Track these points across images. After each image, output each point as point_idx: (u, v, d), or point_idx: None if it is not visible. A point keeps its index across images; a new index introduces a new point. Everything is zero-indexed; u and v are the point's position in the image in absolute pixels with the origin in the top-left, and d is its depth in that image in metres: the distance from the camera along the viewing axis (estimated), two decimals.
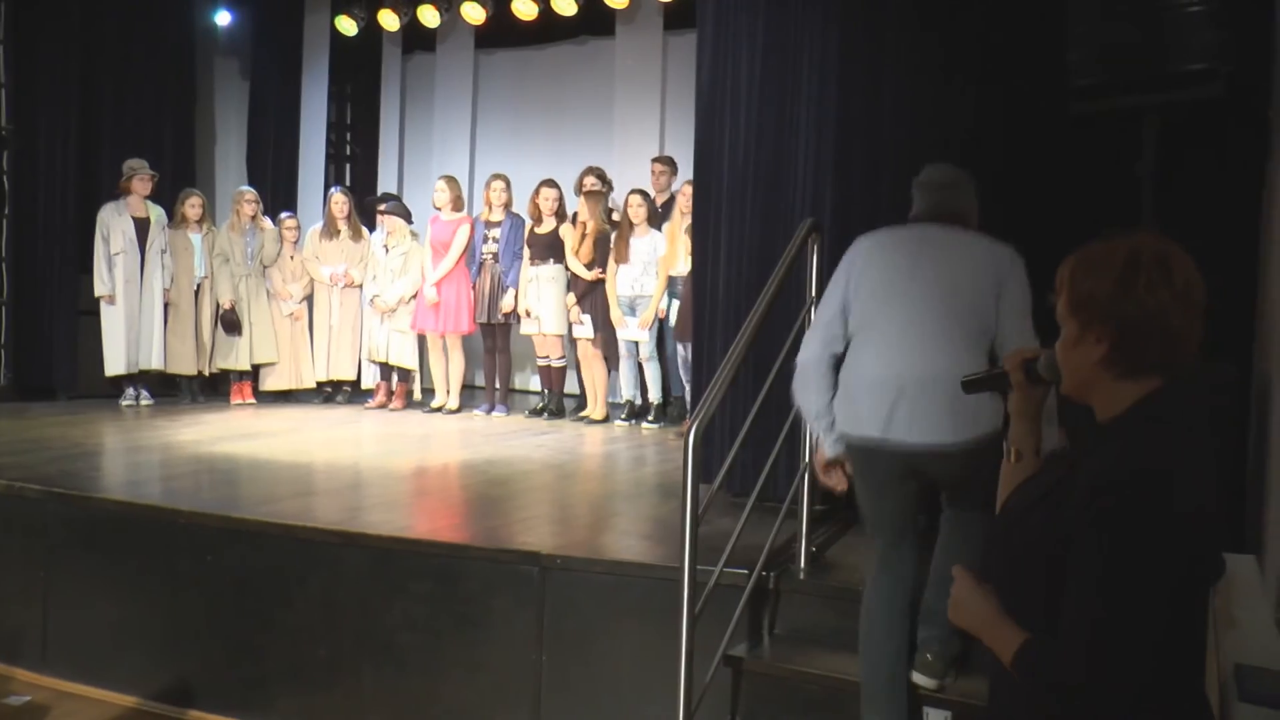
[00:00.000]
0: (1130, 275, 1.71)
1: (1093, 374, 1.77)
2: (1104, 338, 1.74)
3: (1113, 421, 1.77)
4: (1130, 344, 1.72)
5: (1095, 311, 1.74)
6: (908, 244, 3.43)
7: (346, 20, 9.92)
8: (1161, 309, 1.70)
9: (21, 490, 4.95)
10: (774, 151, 4.94)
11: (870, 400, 3.21)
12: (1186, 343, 1.74)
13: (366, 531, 4.31)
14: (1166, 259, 1.73)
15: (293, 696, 4.34)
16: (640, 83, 9.46)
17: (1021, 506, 1.85)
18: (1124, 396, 1.76)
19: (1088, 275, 1.76)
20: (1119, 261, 1.73)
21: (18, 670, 4.82)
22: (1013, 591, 1.78)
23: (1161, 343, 1.72)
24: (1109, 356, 1.74)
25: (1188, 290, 1.72)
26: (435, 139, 10.58)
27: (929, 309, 3.24)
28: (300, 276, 8.71)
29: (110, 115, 8.97)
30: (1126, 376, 1.75)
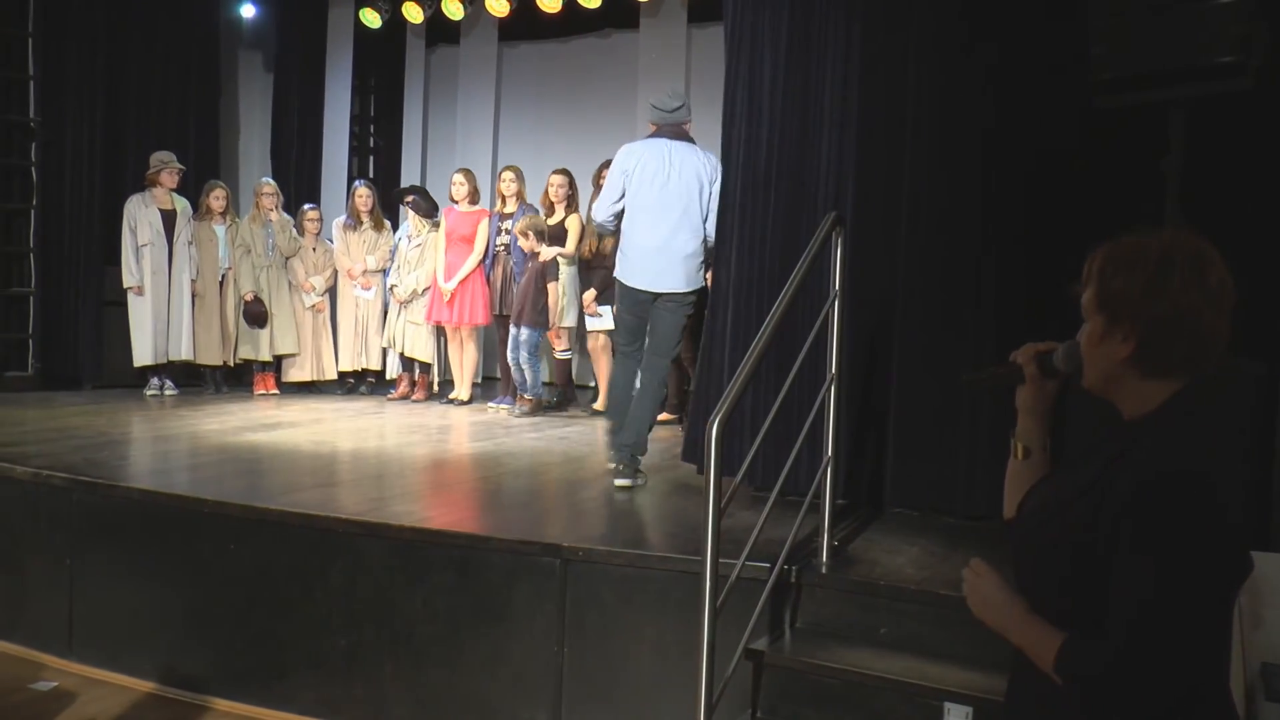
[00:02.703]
0: (1164, 274, 1.68)
1: (1118, 371, 1.75)
2: (1132, 335, 1.71)
3: (1145, 419, 1.75)
4: (1159, 343, 1.70)
5: (1125, 309, 1.71)
6: (659, 150, 5.24)
7: (370, 13, 9.95)
8: (1194, 309, 1.67)
9: (48, 479, 4.99)
10: (798, 145, 4.93)
11: (639, 260, 5.21)
12: (1215, 343, 1.71)
13: (388, 522, 4.33)
14: (1200, 258, 1.70)
15: (313, 686, 4.36)
16: (663, 76, 9.43)
17: (1053, 505, 1.80)
18: (1152, 395, 1.73)
19: (1119, 271, 1.73)
20: (1153, 259, 1.70)
21: (45, 656, 4.86)
22: (1044, 591, 1.76)
23: (1191, 343, 1.69)
24: (1136, 354, 1.72)
25: (1221, 290, 1.69)
26: (458, 131, 10.60)
27: (674, 198, 5.17)
28: (323, 269, 8.75)
29: (136, 108, 9.04)
30: (1153, 375, 1.72)
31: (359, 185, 8.91)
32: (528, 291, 7.65)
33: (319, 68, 10.31)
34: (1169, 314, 1.68)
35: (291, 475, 5.50)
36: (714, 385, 5.03)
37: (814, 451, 4.22)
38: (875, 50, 4.78)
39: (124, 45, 8.88)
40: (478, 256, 8.13)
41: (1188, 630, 1.59)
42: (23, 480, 5.07)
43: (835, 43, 4.85)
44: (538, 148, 9.88)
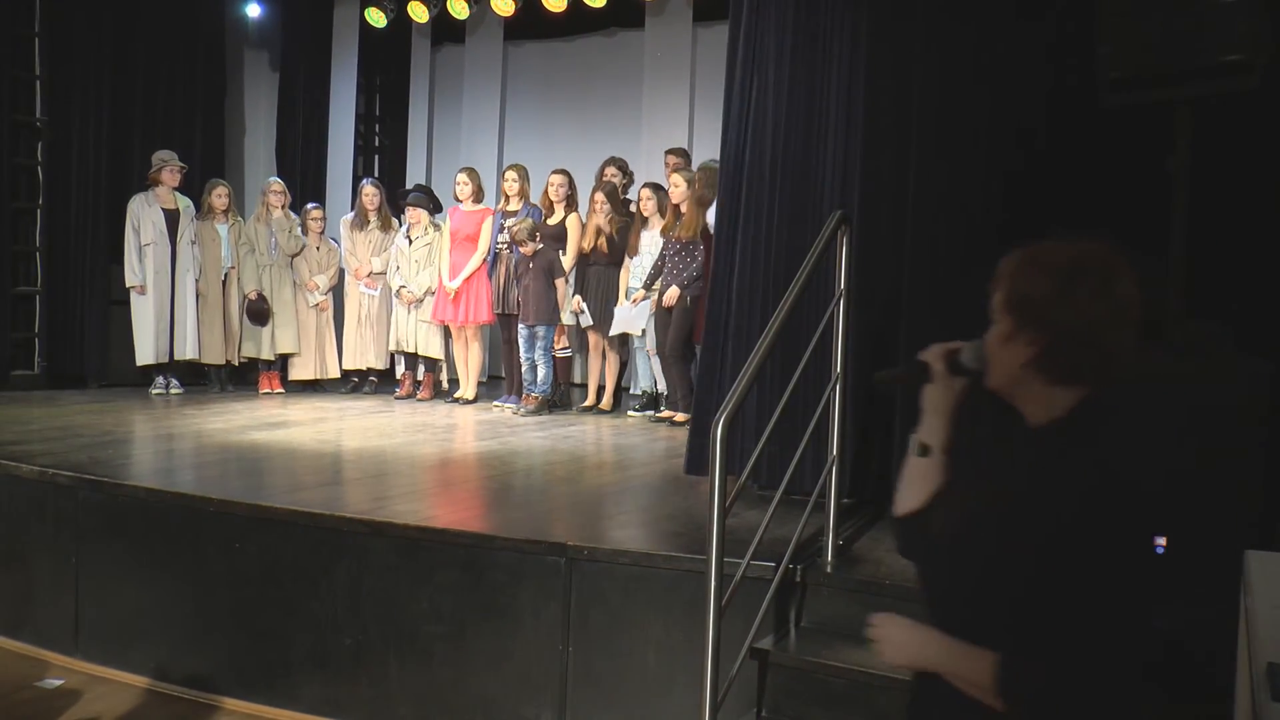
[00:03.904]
0: (1070, 284, 1.69)
1: (1023, 374, 1.75)
2: (1036, 341, 1.71)
3: (1053, 426, 1.75)
4: (1062, 351, 1.70)
5: (1031, 314, 1.72)
6: None
7: (376, 12, 9.97)
8: (1097, 322, 1.68)
9: (54, 477, 5.00)
10: (803, 144, 4.92)
11: None
12: (1119, 355, 1.71)
13: (393, 521, 4.33)
14: (1109, 271, 1.70)
15: (318, 685, 4.36)
16: (669, 75, 9.46)
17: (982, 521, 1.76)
18: (1057, 401, 1.73)
19: (1029, 276, 1.73)
20: (1063, 268, 1.70)
21: (51, 654, 4.87)
22: (972, 609, 1.73)
23: (1094, 353, 1.70)
24: (1039, 360, 1.72)
25: (1126, 306, 1.69)
26: (464, 130, 10.61)
27: None
28: (327, 267, 8.76)
29: (141, 107, 9.06)
30: (1057, 381, 1.72)
31: (366, 184, 8.92)
32: (536, 289, 7.66)
33: (324, 67, 10.33)
34: (1073, 323, 1.68)
35: (297, 474, 5.50)
36: (718, 385, 5.03)
37: (819, 450, 4.22)
38: (880, 49, 4.77)
39: (130, 45, 8.90)
40: (481, 255, 8.14)
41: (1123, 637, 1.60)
42: (29, 479, 5.07)
43: (840, 42, 4.84)
44: (543, 146, 9.88)
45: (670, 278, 7.30)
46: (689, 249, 7.28)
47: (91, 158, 8.67)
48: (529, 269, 7.69)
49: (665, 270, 7.37)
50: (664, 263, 7.41)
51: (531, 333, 7.71)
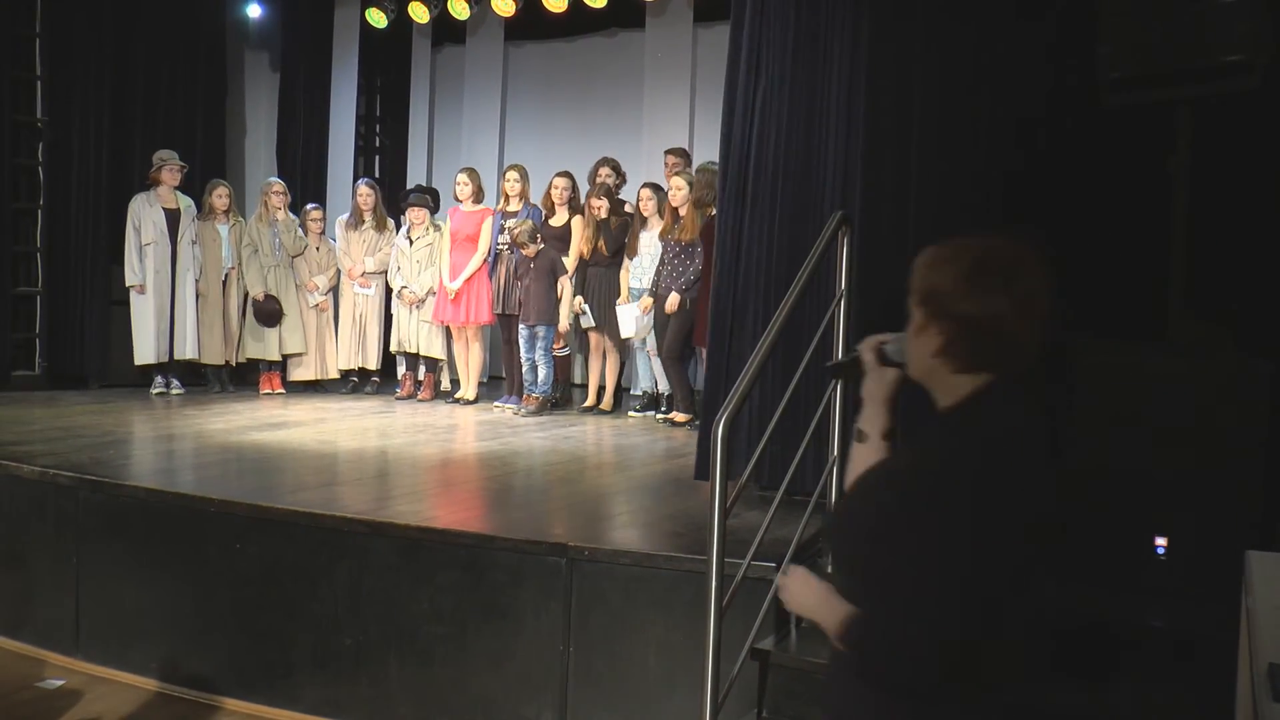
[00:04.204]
0: (973, 277, 1.78)
1: (932, 363, 1.83)
2: (943, 332, 1.80)
3: (946, 412, 1.84)
4: (966, 342, 1.78)
5: (937, 306, 1.80)
6: None
7: (376, 13, 9.96)
8: (999, 314, 1.76)
9: (55, 478, 5.00)
10: (804, 145, 4.92)
11: None
12: (1023, 349, 1.79)
13: (394, 521, 4.33)
14: (1013, 266, 1.78)
15: (319, 686, 4.37)
16: (670, 75, 9.45)
17: (864, 490, 1.92)
18: (960, 388, 1.82)
19: (935, 270, 1.82)
20: (966, 262, 1.79)
21: (51, 654, 4.87)
22: (850, 571, 1.87)
23: (997, 345, 1.78)
24: (945, 350, 1.80)
25: (1029, 299, 1.77)
26: (464, 131, 10.60)
27: None
28: (327, 268, 8.75)
29: (142, 107, 9.05)
30: (963, 370, 1.80)
31: (360, 184, 8.91)
32: (537, 289, 7.66)
33: (325, 67, 10.32)
34: (975, 315, 1.76)
35: (297, 474, 5.51)
36: (723, 387, 5.03)
37: (820, 451, 4.22)
38: (882, 49, 4.77)
39: (130, 45, 8.89)
40: (482, 256, 8.13)
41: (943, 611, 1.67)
42: (30, 479, 5.08)
43: (841, 41, 4.83)
44: (543, 147, 9.88)
45: (669, 280, 7.30)
46: (688, 251, 7.28)
47: (92, 158, 8.66)
48: (530, 269, 7.69)
49: (664, 272, 7.37)
50: (663, 264, 7.41)
51: (532, 333, 7.71)
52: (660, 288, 7.37)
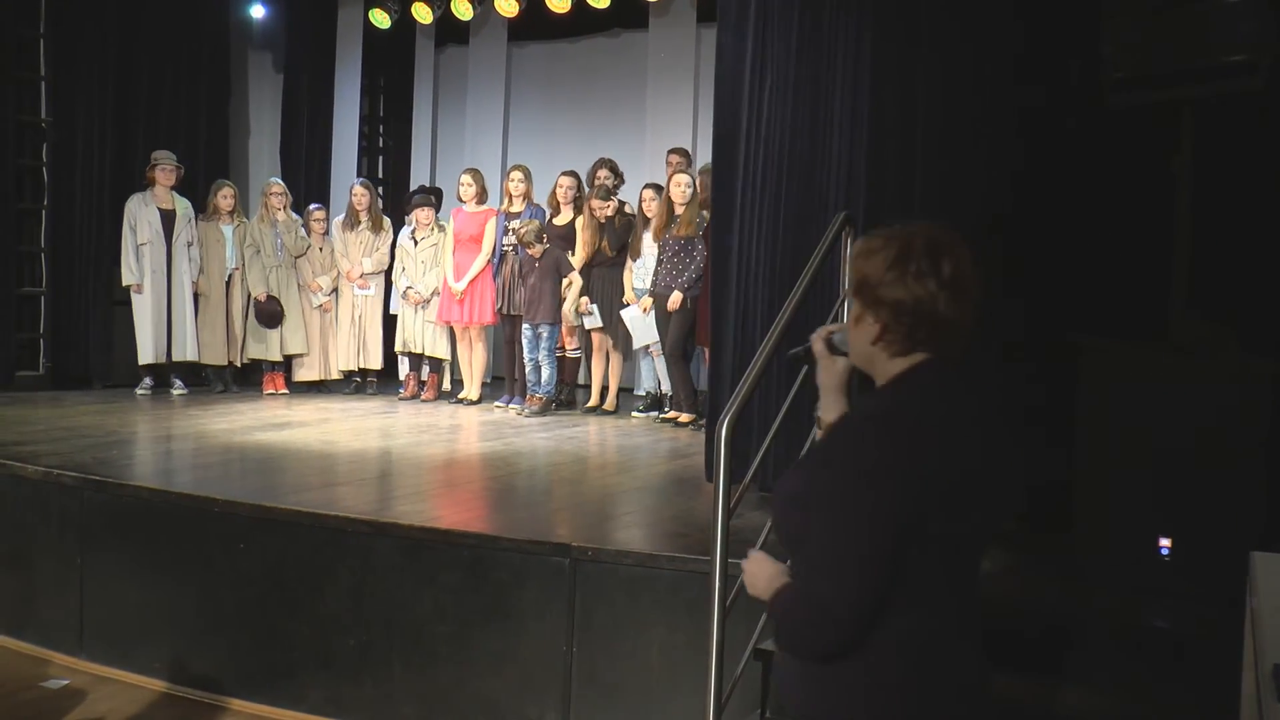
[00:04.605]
0: (900, 264, 1.85)
1: (871, 350, 1.92)
2: (879, 319, 1.88)
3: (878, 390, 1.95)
4: (901, 326, 1.86)
5: (870, 294, 1.89)
6: None
7: (380, 13, 9.96)
8: (929, 297, 1.84)
9: (59, 478, 5.01)
10: (808, 145, 4.92)
11: None
12: (955, 329, 1.87)
13: (397, 521, 4.33)
14: (937, 251, 1.86)
15: (322, 686, 4.37)
16: (673, 76, 9.45)
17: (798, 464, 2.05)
18: (893, 370, 1.91)
19: (865, 260, 1.90)
20: (894, 250, 1.87)
21: (55, 654, 4.88)
22: (783, 543, 1.96)
23: (930, 327, 1.86)
24: (882, 336, 1.89)
25: (956, 282, 1.85)
26: (468, 132, 10.60)
27: None
28: (330, 268, 8.76)
29: (146, 108, 9.05)
30: (900, 354, 1.89)
31: (355, 184, 8.91)
32: (541, 289, 7.65)
33: (328, 68, 10.32)
34: (906, 300, 1.85)
35: (301, 475, 5.51)
36: (724, 386, 5.03)
37: None
38: (886, 49, 4.77)
39: (134, 46, 8.89)
40: (485, 256, 8.13)
41: (851, 572, 1.75)
42: (34, 479, 5.08)
43: (845, 41, 4.83)
44: (547, 147, 9.87)
45: (668, 278, 7.30)
46: (686, 248, 7.28)
47: (96, 159, 8.66)
48: (535, 268, 7.69)
49: (662, 271, 7.35)
50: (660, 264, 7.40)
51: (536, 333, 7.71)
52: (659, 286, 7.37)
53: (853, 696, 1.82)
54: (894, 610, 1.78)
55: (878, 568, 1.75)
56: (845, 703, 1.83)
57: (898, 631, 1.79)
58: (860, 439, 1.82)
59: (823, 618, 1.78)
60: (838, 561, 1.77)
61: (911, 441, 1.79)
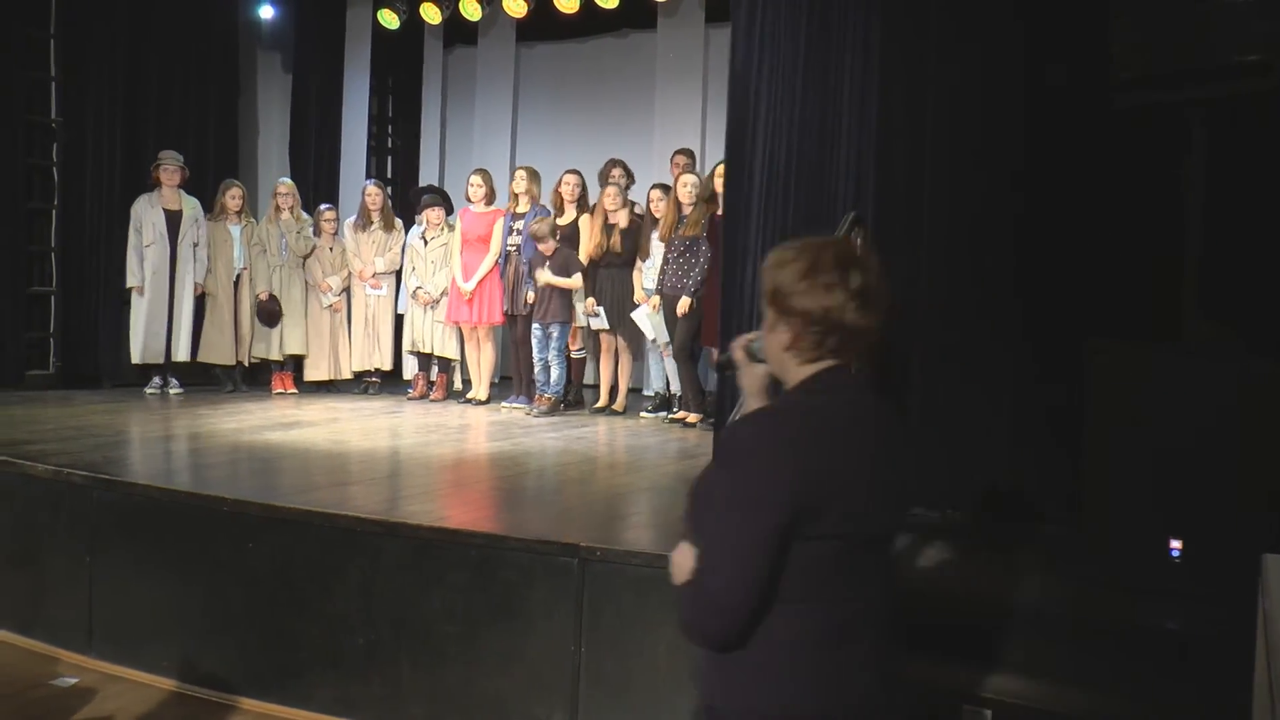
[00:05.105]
0: (810, 275, 1.94)
1: (783, 357, 2.01)
2: (790, 327, 1.97)
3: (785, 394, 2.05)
4: (810, 335, 1.95)
5: (782, 304, 1.97)
6: None
7: (388, 14, 9.97)
8: (838, 307, 1.93)
9: (69, 477, 5.02)
10: (817, 144, 4.91)
11: None
12: (863, 337, 1.96)
13: (406, 521, 4.34)
14: (846, 264, 1.95)
15: (330, 685, 4.37)
16: (682, 76, 9.45)
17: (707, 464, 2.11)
18: (801, 376, 2.00)
19: (778, 271, 1.99)
20: (805, 261, 1.96)
21: (65, 653, 4.88)
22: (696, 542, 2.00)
23: (838, 336, 1.94)
24: (794, 344, 1.98)
25: (864, 293, 1.93)
26: (476, 132, 10.61)
27: None
28: (340, 268, 8.77)
29: (155, 107, 9.08)
30: (810, 361, 1.98)
31: (368, 185, 8.94)
32: (551, 289, 7.65)
33: (337, 68, 10.34)
34: (816, 310, 1.93)
35: (310, 474, 5.52)
36: (733, 386, 5.02)
37: None
38: (895, 47, 4.76)
39: (144, 46, 8.93)
40: (493, 256, 8.14)
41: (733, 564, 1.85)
42: (44, 478, 5.09)
43: (854, 39, 4.83)
44: (555, 148, 9.88)
45: (674, 278, 7.29)
46: (692, 249, 7.27)
47: (106, 158, 8.70)
48: (544, 268, 7.69)
49: (669, 270, 7.34)
50: (667, 264, 7.39)
51: (545, 333, 7.72)
52: (665, 286, 7.35)
53: (747, 684, 1.91)
54: (789, 603, 1.88)
55: (759, 561, 1.84)
56: (740, 690, 1.92)
57: (791, 623, 1.88)
58: (748, 441, 1.92)
59: (709, 607, 1.88)
60: (721, 555, 1.87)
61: (797, 445, 1.88)
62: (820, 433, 1.91)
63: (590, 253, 7.87)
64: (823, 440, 1.90)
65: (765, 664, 1.89)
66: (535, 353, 7.84)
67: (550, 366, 7.76)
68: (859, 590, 1.94)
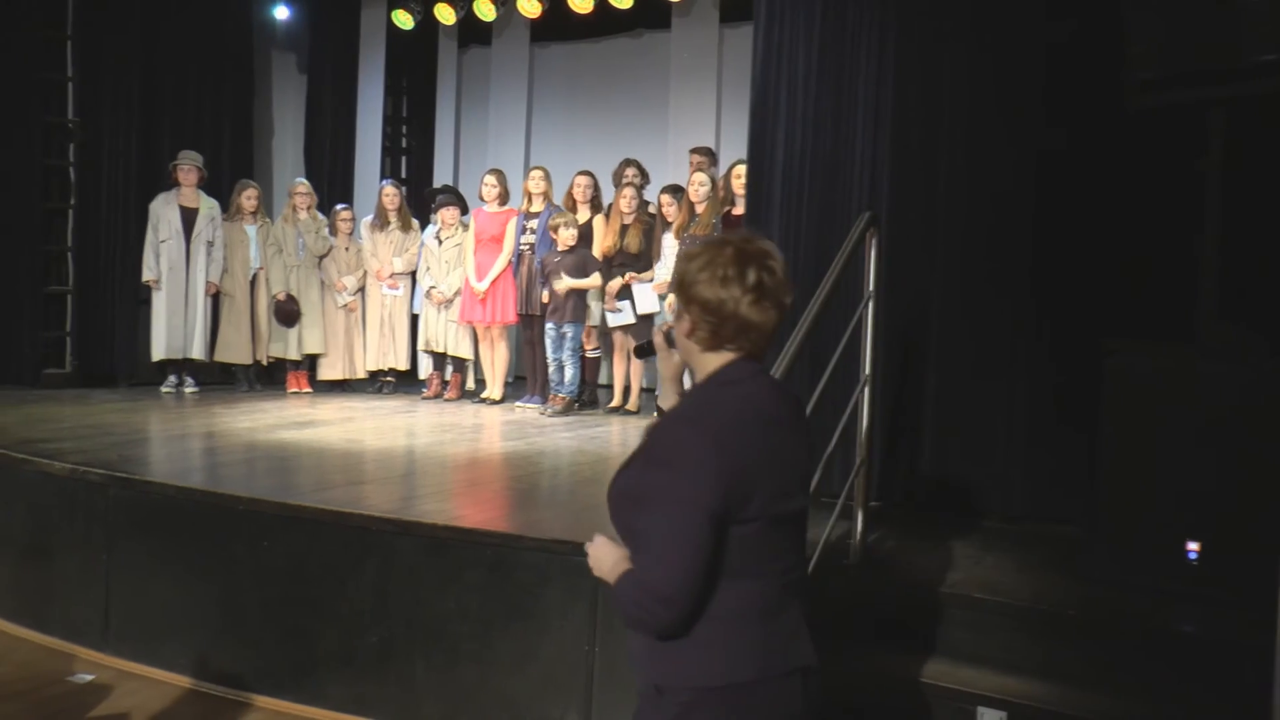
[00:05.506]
0: (709, 268, 2.07)
1: (687, 344, 2.14)
2: (690, 316, 2.10)
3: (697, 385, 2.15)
4: (709, 325, 2.08)
5: (685, 293, 2.10)
6: None
7: (403, 14, 10.00)
8: (733, 300, 2.05)
9: (85, 474, 5.04)
10: (832, 142, 4.91)
11: None
12: (757, 330, 2.08)
13: (420, 520, 4.34)
14: (744, 260, 2.06)
15: (344, 683, 4.38)
16: (696, 76, 9.45)
17: (628, 458, 2.17)
18: (709, 365, 2.12)
19: (686, 262, 2.12)
20: (709, 255, 2.09)
21: (80, 649, 4.91)
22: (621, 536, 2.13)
23: (734, 328, 2.07)
24: (694, 333, 2.10)
25: (759, 288, 2.05)
26: (490, 132, 10.63)
27: None
28: (355, 268, 8.79)
29: (171, 108, 9.12)
30: (710, 349, 2.10)
31: (385, 185, 8.96)
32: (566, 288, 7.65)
33: (352, 69, 10.37)
34: (712, 300, 2.06)
35: (324, 473, 5.53)
36: None
37: (847, 453, 4.20)
38: (909, 46, 4.76)
39: (160, 47, 8.96)
40: (507, 256, 8.14)
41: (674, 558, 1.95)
42: (60, 476, 5.12)
43: (869, 39, 4.83)
44: (569, 148, 9.89)
45: None
46: None
47: (122, 158, 8.74)
48: (557, 265, 7.69)
49: None
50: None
51: (559, 332, 7.72)
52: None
53: (690, 660, 2.01)
54: (727, 580, 2.00)
55: (698, 553, 1.95)
56: (684, 667, 2.02)
57: (729, 600, 2.00)
58: (677, 439, 2.02)
59: (654, 599, 1.98)
60: (662, 549, 1.97)
61: (722, 438, 1.98)
62: (740, 424, 2.02)
63: (604, 251, 7.86)
64: (743, 431, 2.02)
65: (708, 639, 2.01)
66: (549, 353, 7.84)
67: (564, 366, 7.76)
68: (785, 563, 2.10)
